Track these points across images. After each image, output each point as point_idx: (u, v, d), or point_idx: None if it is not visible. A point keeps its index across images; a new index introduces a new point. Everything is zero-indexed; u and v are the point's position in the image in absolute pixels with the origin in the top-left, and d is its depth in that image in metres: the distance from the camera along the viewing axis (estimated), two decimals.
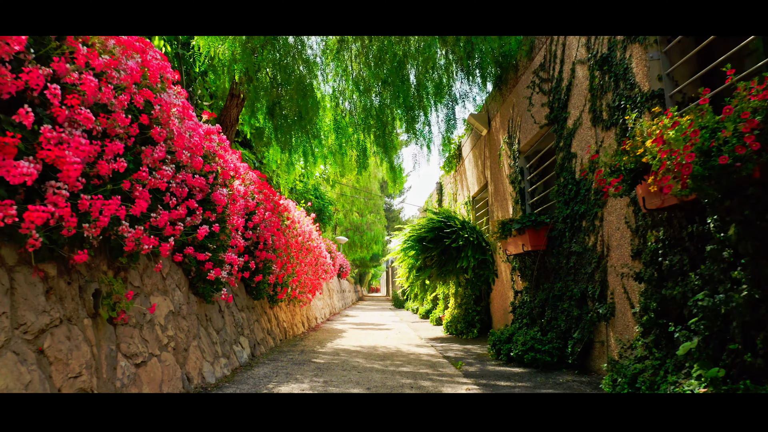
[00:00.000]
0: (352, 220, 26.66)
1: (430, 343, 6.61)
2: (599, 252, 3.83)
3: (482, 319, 7.15)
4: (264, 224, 5.28)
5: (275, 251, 5.81)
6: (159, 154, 2.96)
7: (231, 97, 7.62)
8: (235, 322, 5.00)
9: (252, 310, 5.72)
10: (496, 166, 6.74)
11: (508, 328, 5.09)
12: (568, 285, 4.27)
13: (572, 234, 4.25)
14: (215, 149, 4.09)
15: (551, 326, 4.41)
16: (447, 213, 7.40)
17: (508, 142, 6.16)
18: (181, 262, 3.87)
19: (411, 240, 7.26)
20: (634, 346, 3.03)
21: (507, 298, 6.29)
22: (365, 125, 7.32)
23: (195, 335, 3.89)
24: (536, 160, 5.63)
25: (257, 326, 5.74)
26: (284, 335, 7.11)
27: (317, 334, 8.27)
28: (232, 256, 4.07)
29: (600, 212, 3.82)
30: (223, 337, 4.51)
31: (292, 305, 8.31)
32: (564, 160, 4.46)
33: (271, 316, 6.60)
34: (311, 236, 8.52)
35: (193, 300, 4.02)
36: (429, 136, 7.74)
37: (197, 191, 3.81)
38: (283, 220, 6.52)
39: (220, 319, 4.57)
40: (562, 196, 4.44)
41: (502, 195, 6.45)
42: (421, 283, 7.50)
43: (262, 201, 5.40)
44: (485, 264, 6.98)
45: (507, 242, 5.18)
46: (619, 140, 3.47)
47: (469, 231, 6.91)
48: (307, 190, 15.99)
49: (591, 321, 3.86)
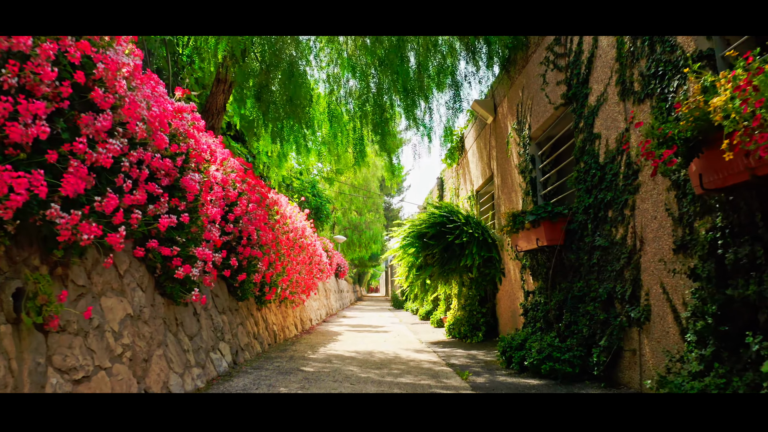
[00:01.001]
0: (350, 219, 26.13)
1: (431, 348, 6.07)
2: (630, 246, 3.29)
3: (488, 322, 6.61)
4: (247, 217, 4.74)
5: (261, 248, 5.28)
6: (103, 123, 2.42)
7: (217, 83, 7.09)
8: (214, 327, 4.46)
9: (235, 313, 5.18)
10: (503, 155, 6.21)
11: (520, 333, 4.55)
12: (591, 284, 3.74)
13: (595, 226, 3.71)
14: (187, 129, 3.56)
15: (571, 331, 3.88)
16: (449, 207, 6.86)
17: (516, 129, 5.63)
18: (144, 257, 3.34)
19: (411, 236, 6.73)
20: (686, 358, 2.50)
21: (516, 299, 5.76)
22: (362, 113, 6.78)
23: (160, 342, 3.35)
24: (549, 147, 5.10)
25: (241, 330, 5.20)
26: (274, 339, 6.57)
27: (311, 337, 7.73)
28: (205, 251, 3.54)
29: (631, 199, 3.29)
30: (198, 344, 3.97)
31: (283, 306, 7.78)
32: (585, 142, 3.93)
33: (259, 318, 6.07)
34: (304, 233, 7.98)
35: (159, 302, 3.48)
36: (430, 125, 7.22)
37: (162, 175, 3.27)
38: (272, 215, 5.99)
39: (195, 324, 4.03)
40: (583, 184, 3.90)
41: (510, 187, 5.92)
42: (421, 283, 6.96)
43: (246, 191, 4.86)
44: (491, 262, 6.44)
45: (518, 237, 4.64)
46: (657, 113, 2.93)
47: (474, 226, 6.37)
48: (304, 187, 15.47)
49: (620, 326, 3.32)
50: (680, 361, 2.63)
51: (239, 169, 4.82)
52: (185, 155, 3.50)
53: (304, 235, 7.93)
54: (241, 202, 4.59)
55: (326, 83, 7.22)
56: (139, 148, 2.87)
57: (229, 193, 4.46)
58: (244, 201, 4.62)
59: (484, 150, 7.13)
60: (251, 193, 4.90)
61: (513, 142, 5.77)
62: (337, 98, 6.88)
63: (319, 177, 18.78)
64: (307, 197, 15.10)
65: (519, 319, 5.54)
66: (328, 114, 7.07)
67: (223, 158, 4.66)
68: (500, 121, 6.36)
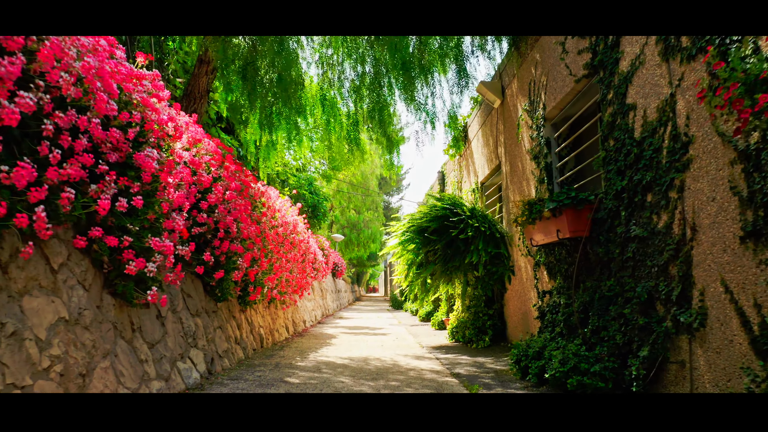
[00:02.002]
0: (348, 218, 25.58)
1: (433, 354, 5.49)
2: (677, 235, 2.71)
3: (495, 325, 6.03)
4: (225, 206, 4.16)
5: (243, 242, 4.70)
6: (8, 68, 1.84)
7: (200, 64, 6.51)
8: (185, 331, 3.87)
9: (213, 315, 4.59)
10: (512, 141, 5.63)
11: (536, 339, 3.96)
12: (624, 283, 3.16)
13: (630, 213, 3.13)
14: (144, 97, 2.97)
15: (600, 338, 3.30)
16: (453, 199, 6.28)
17: (528, 110, 5.05)
18: (88, 249, 2.76)
19: (410, 231, 6.15)
20: (759, 375, 1.91)
21: (527, 300, 5.18)
22: (357, 96, 6.21)
23: (107, 352, 2.76)
24: (566, 128, 4.52)
25: (220, 335, 4.62)
26: (260, 344, 5.98)
27: (303, 340, 7.15)
28: (165, 242, 2.95)
29: (679, 179, 2.71)
30: (161, 353, 3.39)
31: (272, 307, 7.19)
32: (615, 116, 3.35)
33: (242, 321, 5.48)
34: (296, 228, 7.40)
35: (108, 303, 2.89)
36: (433, 110, 6.65)
37: (108, 148, 2.69)
38: (257, 206, 5.41)
39: (158, 329, 3.45)
40: (613, 164, 3.32)
41: (521, 175, 5.34)
42: (422, 282, 6.38)
43: (224, 178, 4.28)
44: (499, 259, 5.86)
45: (533, 229, 4.06)
46: (715, 70, 2.34)
47: (480, 219, 5.79)
48: (300, 184, 14.92)
49: (665, 333, 2.74)
50: (750, 378, 2.06)
51: (216, 153, 4.24)
52: (140, 126, 2.92)
53: (295, 230, 7.35)
54: (217, 189, 4.01)
55: (318, 66, 6.64)
56: (70, 110, 2.29)
57: (202, 178, 3.88)
58: (220, 188, 4.04)
59: (490, 137, 6.55)
60: (230, 180, 4.32)
61: (524, 125, 5.19)
62: (330, 81, 6.30)
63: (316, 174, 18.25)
64: (304, 194, 14.56)
65: (533, 322, 4.96)
66: (321, 99, 6.49)
67: (196, 139, 4.08)
68: (509, 104, 5.79)
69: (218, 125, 10.04)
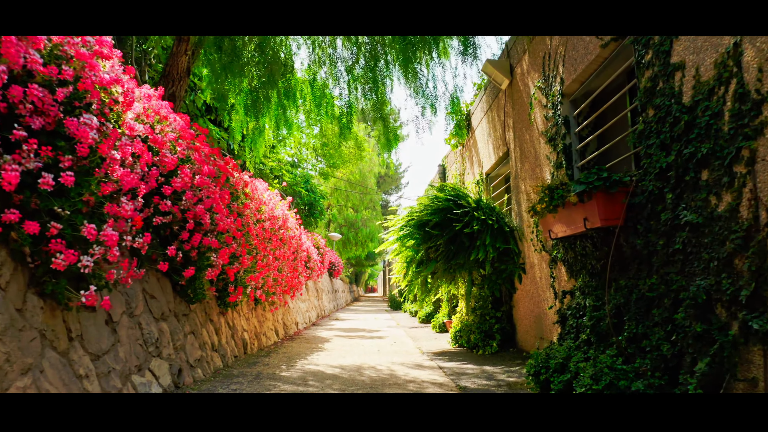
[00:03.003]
0: (346, 216, 25.02)
1: (434, 361, 4.92)
2: (747, 219, 2.15)
3: (503, 329, 5.46)
4: (194, 192, 3.59)
5: (220, 236, 4.13)
6: None
7: (179, 41, 5.92)
8: (144, 338, 3.30)
9: (184, 319, 4.02)
10: (523, 124, 5.07)
11: (556, 347, 3.40)
12: (671, 281, 2.59)
13: (679, 195, 2.57)
14: (81, 52, 2.41)
15: (640, 348, 2.73)
16: (456, 189, 5.72)
17: (542, 87, 4.49)
18: (3, 236, 2.19)
19: (410, 225, 5.58)
20: None
21: (542, 302, 4.61)
22: (351, 77, 5.64)
23: (28, 367, 2.19)
24: (588, 105, 3.96)
25: (192, 341, 4.04)
26: (243, 349, 5.41)
27: (293, 345, 6.58)
28: (106, 231, 2.38)
29: (748, 149, 2.15)
30: (109, 365, 2.81)
31: (260, 309, 6.62)
32: (656, 79, 2.78)
33: (222, 324, 4.91)
34: (287, 223, 6.83)
35: (34, 305, 2.32)
36: (434, 93, 6.09)
37: (27, 110, 2.13)
38: (239, 196, 4.84)
39: (107, 336, 2.88)
40: (655, 137, 2.76)
41: (534, 161, 4.77)
42: (422, 282, 5.81)
43: (194, 161, 3.71)
44: (508, 255, 5.30)
45: (552, 220, 3.50)
46: None
47: (487, 212, 5.23)
48: (296, 181, 14.36)
49: (732, 343, 2.18)
50: None
51: (184, 130, 3.67)
52: (73, 86, 2.35)
53: (285, 225, 6.78)
54: (184, 173, 3.43)
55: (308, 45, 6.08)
56: None
57: (166, 159, 3.31)
58: (188, 171, 3.47)
59: (497, 123, 5.98)
60: (201, 163, 3.75)
61: (537, 105, 4.62)
62: (320, 59, 5.74)
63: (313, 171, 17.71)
64: (300, 192, 14.02)
65: (548, 326, 4.40)
66: (310, 81, 5.92)
67: (161, 115, 3.51)
68: (518, 84, 5.22)
69: (207, 117, 9.48)
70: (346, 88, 5.58)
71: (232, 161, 4.96)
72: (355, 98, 5.50)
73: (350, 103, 5.50)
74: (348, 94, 5.55)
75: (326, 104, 5.72)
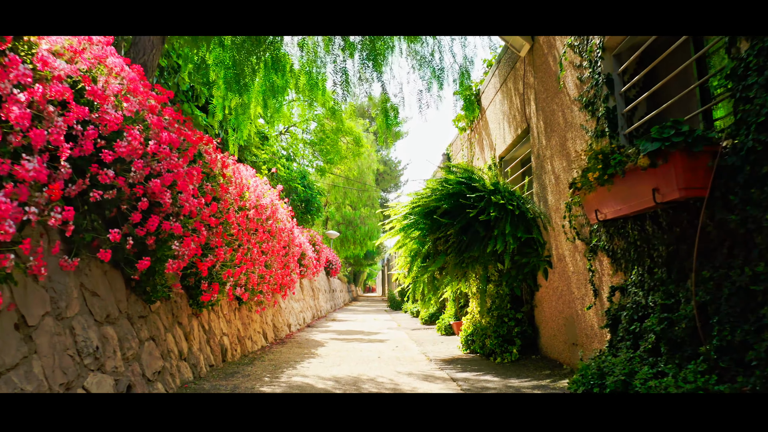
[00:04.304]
0: (344, 214, 24.28)
1: (445, 371, 4.18)
2: None
3: (524, 332, 4.72)
4: (146, 162, 2.84)
5: (186, 221, 3.38)
6: None
7: None
8: (78, 348, 2.55)
9: (140, 321, 3.27)
10: (550, 92, 4.33)
11: (608, 358, 2.65)
12: None
13: None
14: None
15: (739, 361, 1.99)
16: (469, 171, 4.98)
17: (575, 45, 3.75)
18: None
19: (415, 213, 4.84)
20: None
21: (574, 301, 3.87)
22: (347, 42, 4.90)
23: None
24: (635, 61, 3.23)
25: (151, 349, 3.29)
26: (222, 357, 4.66)
27: (282, 350, 5.84)
28: None
29: None
30: (15, 384, 2.06)
31: (245, 309, 5.88)
32: None
33: (194, 328, 4.16)
34: (276, 214, 6.08)
35: None
36: (440, 65, 5.37)
37: None
38: (215, 176, 4.10)
39: (17, 345, 2.13)
40: (757, 75, 2.02)
41: (563, 133, 4.04)
42: (429, 278, 5.07)
43: (150, 124, 2.96)
44: (530, 247, 4.56)
45: (604, 195, 2.76)
46: None
47: (507, 196, 4.49)
48: (292, 177, 13.61)
49: None
50: None
51: (133, 81, 2.91)
52: None
53: (275, 216, 6.04)
54: (132, 135, 2.68)
55: None
56: None
57: (106, 116, 2.56)
58: (136, 134, 2.72)
59: (514, 96, 5.25)
60: (158, 127, 2.99)
61: (569, 66, 3.89)
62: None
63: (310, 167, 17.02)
64: (297, 188, 13.29)
65: (588, 331, 3.66)
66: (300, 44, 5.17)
67: (98, 56, 2.75)
68: (542, 47, 4.48)
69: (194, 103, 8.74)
70: (340, 54, 4.84)
71: (211, 140, 4.21)
72: (351, 65, 4.76)
73: (345, 70, 4.75)
74: (343, 59, 4.80)
75: (317, 73, 4.96)
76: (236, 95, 5.58)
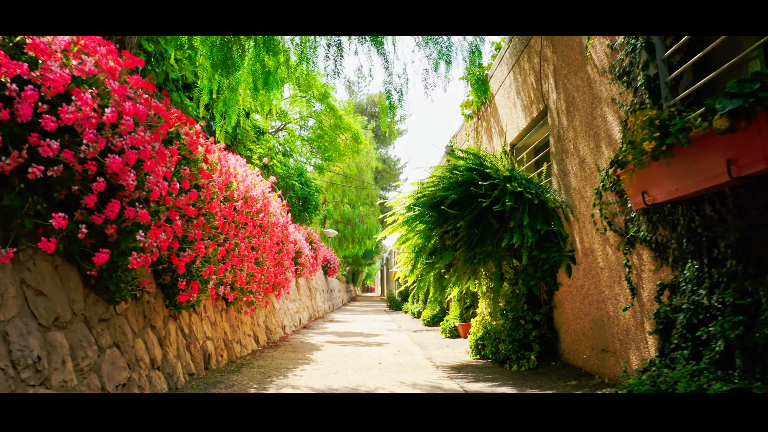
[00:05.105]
0: (342, 212, 23.80)
1: (456, 381, 3.70)
2: None
3: (542, 336, 4.24)
4: (100, 134, 2.35)
5: (157, 208, 2.90)
6: None
7: None
8: (13, 359, 2.07)
9: (101, 325, 2.78)
10: (572, 66, 3.86)
11: (663, 371, 2.18)
12: None
13: None
14: None
15: None
16: (480, 157, 4.50)
17: None
18: None
19: (420, 204, 4.37)
20: None
21: (604, 301, 3.40)
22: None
23: None
24: None
25: (114, 357, 2.81)
26: (205, 364, 4.18)
27: (274, 355, 5.35)
28: None
29: None
30: None
31: (233, 311, 5.39)
32: None
33: (171, 331, 3.67)
34: (268, 207, 5.61)
35: None
36: (447, 42, 4.91)
37: None
38: (195, 160, 3.62)
39: None
40: None
41: (590, 110, 3.56)
42: (435, 276, 4.59)
43: (108, 88, 2.47)
44: (550, 241, 4.09)
45: (660, 171, 2.28)
46: None
47: (524, 183, 4.02)
48: (290, 174, 13.14)
49: None
50: None
51: (91, 47, 2.43)
52: None
53: (267, 210, 5.56)
54: (81, 99, 2.20)
55: None
56: None
57: (49, 74, 2.08)
58: (87, 97, 2.23)
59: (529, 75, 4.77)
60: (119, 93, 2.51)
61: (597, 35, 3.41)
62: None
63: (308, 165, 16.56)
64: (294, 185, 12.82)
65: (616, 334, 3.18)
66: None
67: None
68: None
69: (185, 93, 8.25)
70: None
71: (193, 122, 3.73)
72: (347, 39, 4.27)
73: (339, 42, 4.26)
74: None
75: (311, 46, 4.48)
76: (224, 77, 5.10)
